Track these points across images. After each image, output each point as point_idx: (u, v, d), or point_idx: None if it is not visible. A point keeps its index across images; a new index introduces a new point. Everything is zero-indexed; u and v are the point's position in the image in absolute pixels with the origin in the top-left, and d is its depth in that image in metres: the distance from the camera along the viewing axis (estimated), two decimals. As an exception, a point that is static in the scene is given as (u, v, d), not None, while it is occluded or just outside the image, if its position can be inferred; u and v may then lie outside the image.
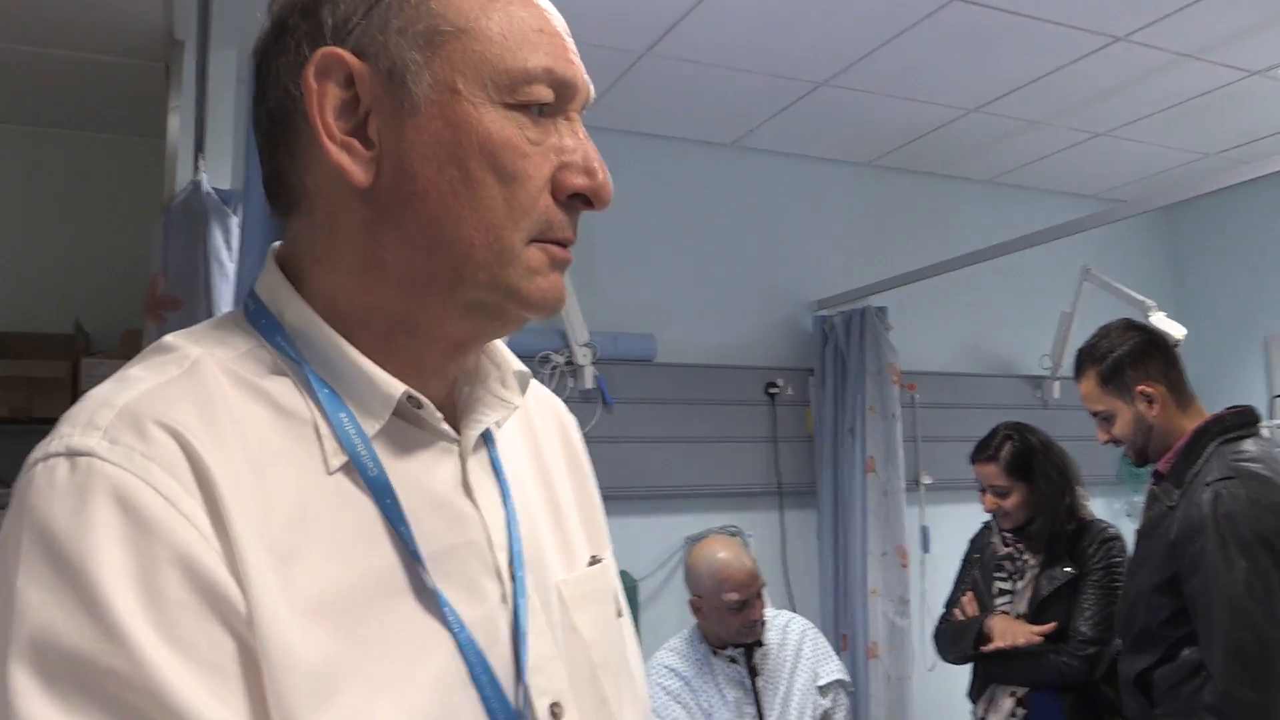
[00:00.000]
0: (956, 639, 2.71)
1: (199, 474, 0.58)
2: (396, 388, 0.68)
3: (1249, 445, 2.01)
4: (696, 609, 2.54)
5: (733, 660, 2.43)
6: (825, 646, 2.59)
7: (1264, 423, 2.25)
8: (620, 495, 3.16)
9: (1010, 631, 2.56)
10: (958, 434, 3.73)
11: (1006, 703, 2.58)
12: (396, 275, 0.68)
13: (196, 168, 2.29)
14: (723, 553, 2.51)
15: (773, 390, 3.63)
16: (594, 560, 0.83)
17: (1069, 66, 3.10)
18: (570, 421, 0.91)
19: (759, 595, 2.50)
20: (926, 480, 3.81)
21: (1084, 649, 2.47)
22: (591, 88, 0.72)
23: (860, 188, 3.97)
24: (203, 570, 0.56)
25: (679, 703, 2.45)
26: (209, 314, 1.88)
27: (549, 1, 0.72)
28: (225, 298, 2.13)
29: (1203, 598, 1.89)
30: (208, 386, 0.63)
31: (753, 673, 2.42)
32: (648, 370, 3.42)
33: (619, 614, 0.84)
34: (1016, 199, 4.31)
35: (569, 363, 3.27)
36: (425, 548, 0.66)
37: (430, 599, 0.65)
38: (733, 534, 3.34)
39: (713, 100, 3.29)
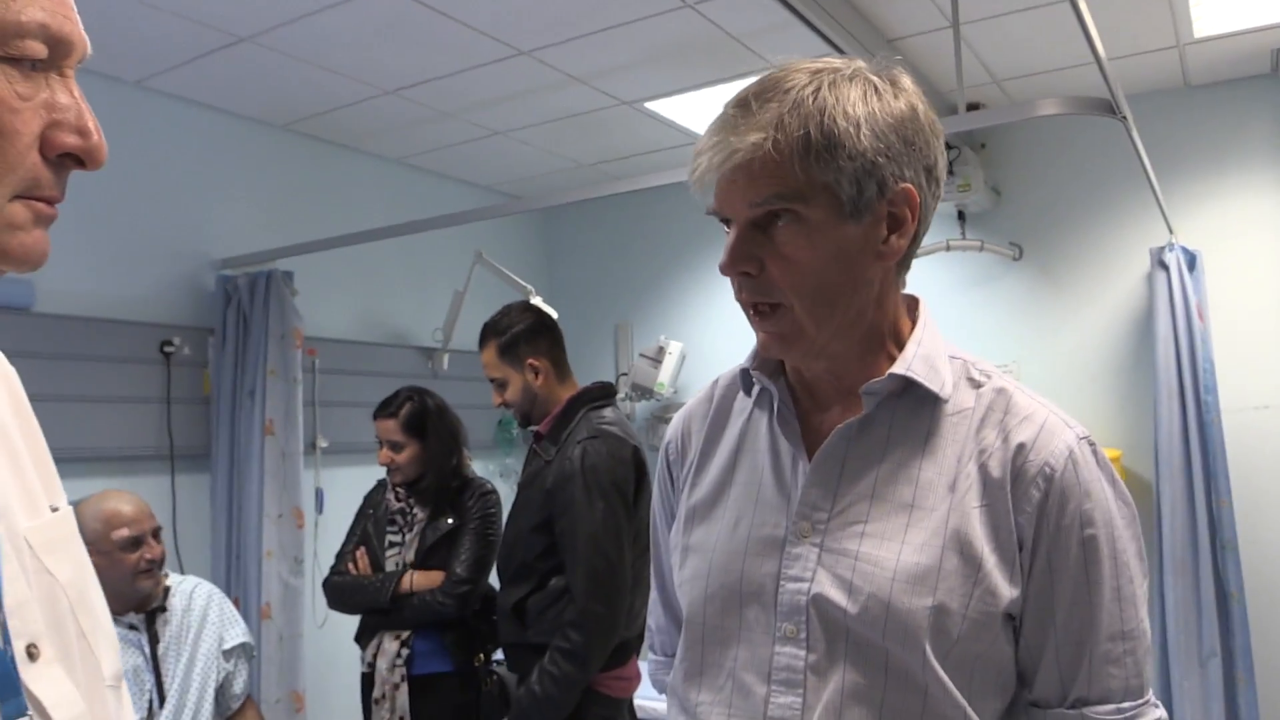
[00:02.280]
0: (357, 593, 2.88)
1: None
2: None
3: (608, 412, 2.46)
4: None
5: (132, 627, 2.32)
6: (231, 611, 2.57)
7: (619, 395, 2.75)
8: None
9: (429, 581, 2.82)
10: (354, 399, 3.91)
11: (392, 645, 2.82)
12: None
13: None
14: (109, 500, 2.35)
15: (168, 349, 3.46)
16: (55, 509, 0.83)
17: (478, 68, 3.40)
18: (10, 371, 0.87)
19: (156, 537, 2.40)
20: (323, 443, 3.92)
21: (457, 588, 2.78)
22: (89, 43, 0.72)
23: (273, 150, 3.91)
24: None
25: None
26: None
27: None
28: None
29: (569, 534, 2.28)
30: None
31: (153, 640, 2.34)
32: (24, 320, 3.06)
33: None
34: (422, 181, 4.57)
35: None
36: None
37: None
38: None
39: (121, 33, 3.02)
